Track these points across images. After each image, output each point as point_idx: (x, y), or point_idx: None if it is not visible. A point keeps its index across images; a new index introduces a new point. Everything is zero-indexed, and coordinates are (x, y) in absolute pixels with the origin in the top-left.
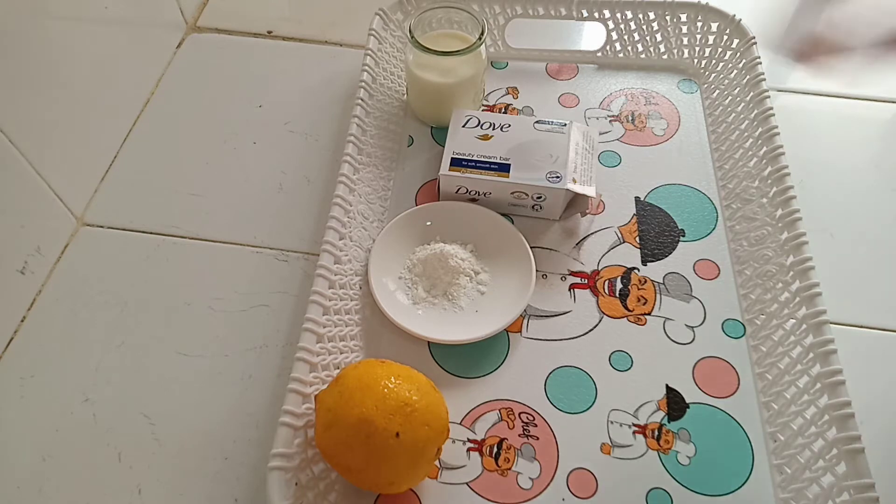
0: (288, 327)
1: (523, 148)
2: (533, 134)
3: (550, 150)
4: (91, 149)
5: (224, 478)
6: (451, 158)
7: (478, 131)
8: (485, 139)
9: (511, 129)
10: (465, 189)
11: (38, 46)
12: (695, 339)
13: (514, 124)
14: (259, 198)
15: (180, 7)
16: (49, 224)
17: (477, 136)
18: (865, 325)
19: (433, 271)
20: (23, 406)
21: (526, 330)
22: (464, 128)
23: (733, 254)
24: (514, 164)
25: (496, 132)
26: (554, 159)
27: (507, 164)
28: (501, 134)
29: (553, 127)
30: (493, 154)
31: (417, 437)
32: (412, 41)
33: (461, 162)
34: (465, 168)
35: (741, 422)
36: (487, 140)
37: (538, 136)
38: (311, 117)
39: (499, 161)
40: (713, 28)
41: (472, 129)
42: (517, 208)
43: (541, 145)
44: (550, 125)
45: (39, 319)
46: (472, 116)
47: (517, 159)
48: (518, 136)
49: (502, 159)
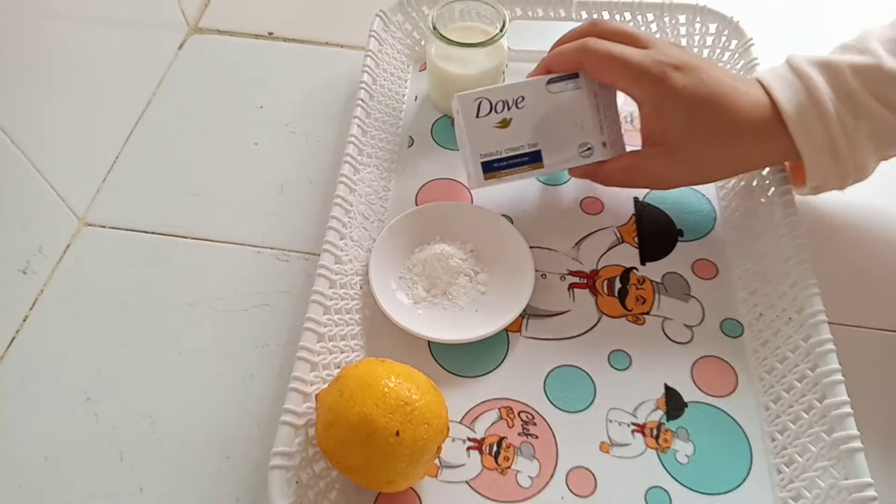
0: (289, 327)
1: (546, 123)
2: (550, 100)
3: (574, 118)
4: (93, 149)
5: (225, 477)
6: (481, 164)
7: (494, 117)
8: (504, 126)
9: (526, 104)
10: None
11: (39, 47)
12: (693, 338)
13: (527, 95)
14: (260, 198)
15: (181, 8)
16: (51, 224)
17: (496, 125)
18: (864, 325)
19: (433, 271)
20: (24, 406)
21: (525, 329)
22: (478, 118)
23: (732, 253)
24: (543, 147)
25: (513, 112)
26: (580, 127)
27: (537, 151)
28: (518, 112)
29: (567, 84)
30: (519, 143)
31: (417, 436)
32: (435, 33)
33: (493, 165)
34: (499, 172)
35: (740, 421)
36: (507, 126)
37: (557, 102)
38: (311, 118)
39: (528, 150)
40: (711, 29)
41: (486, 117)
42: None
43: (562, 114)
44: (564, 83)
45: (41, 319)
46: (482, 99)
47: (544, 140)
48: (536, 108)
49: (530, 147)
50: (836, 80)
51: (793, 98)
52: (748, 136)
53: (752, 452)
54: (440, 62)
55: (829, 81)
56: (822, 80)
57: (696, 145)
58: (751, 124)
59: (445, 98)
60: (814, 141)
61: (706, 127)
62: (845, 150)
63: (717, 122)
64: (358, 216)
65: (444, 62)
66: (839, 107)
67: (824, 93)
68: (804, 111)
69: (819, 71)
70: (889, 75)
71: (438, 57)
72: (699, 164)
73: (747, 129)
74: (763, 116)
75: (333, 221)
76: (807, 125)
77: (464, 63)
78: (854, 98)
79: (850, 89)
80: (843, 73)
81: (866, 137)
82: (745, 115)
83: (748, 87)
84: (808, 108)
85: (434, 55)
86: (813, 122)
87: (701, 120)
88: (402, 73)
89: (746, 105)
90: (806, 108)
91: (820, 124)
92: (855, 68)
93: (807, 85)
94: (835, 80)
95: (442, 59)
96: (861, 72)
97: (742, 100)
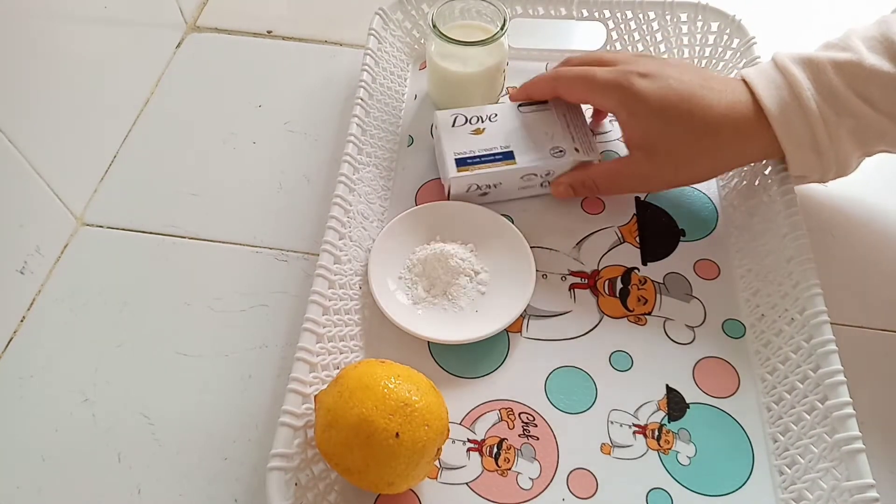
0: (288, 327)
1: (518, 132)
2: (521, 118)
3: (544, 129)
4: (91, 148)
5: (224, 478)
6: (454, 160)
7: (469, 127)
8: (478, 133)
9: (499, 119)
10: (475, 186)
11: (36, 46)
12: (695, 339)
13: (499, 112)
14: (259, 197)
15: (180, 7)
16: (48, 224)
17: (470, 132)
18: (866, 326)
19: (433, 271)
20: (22, 406)
21: (526, 330)
22: (454, 127)
23: (734, 254)
24: (515, 149)
25: (486, 124)
26: (551, 136)
27: (509, 152)
28: (492, 124)
29: (537, 107)
30: (492, 145)
31: (417, 438)
32: (435, 31)
33: (465, 161)
34: (472, 165)
35: (741, 422)
36: (481, 133)
37: (527, 119)
38: (310, 117)
39: (501, 150)
40: (713, 28)
41: (462, 126)
42: (526, 190)
43: (532, 126)
44: (534, 106)
45: (39, 319)
46: (458, 114)
47: (517, 144)
48: (508, 122)
49: (503, 148)
50: (818, 77)
51: (775, 95)
52: (726, 134)
53: (754, 454)
54: (440, 60)
55: (812, 78)
56: (804, 77)
57: (675, 144)
58: (729, 121)
59: (446, 97)
60: (796, 137)
61: (681, 127)
62: (827, 146)
63: (691, 122)
64: (357, 216)
65: (445, 60)
66: (821, 103)
67: (806, 89)
68: (786, 108)
69: (802, 68)
70: (870, 72)
71: (438, 55)
72: (681, 163)
73: (725, 126)
74: (743, 114)
75: (332, 221)
76: (789, 122)
77: (464, 61)
78: (836, 95)
79: (832, 86)
80: (825, 70)
81: (848, 134)
82: (719, 112)
83: (724, 86)
84: (791, 105)
85: (434, 53)
86: (795, 118)
87: (674, 121)
88: (402, 71)
89: (721, 103)
90: (788, 104)
91: (802, 121)
92: (837, 65)
93: (789, 81)
94: (817, 77)
95: (442, 57)
96: (843, 68)
97: (715, 98)
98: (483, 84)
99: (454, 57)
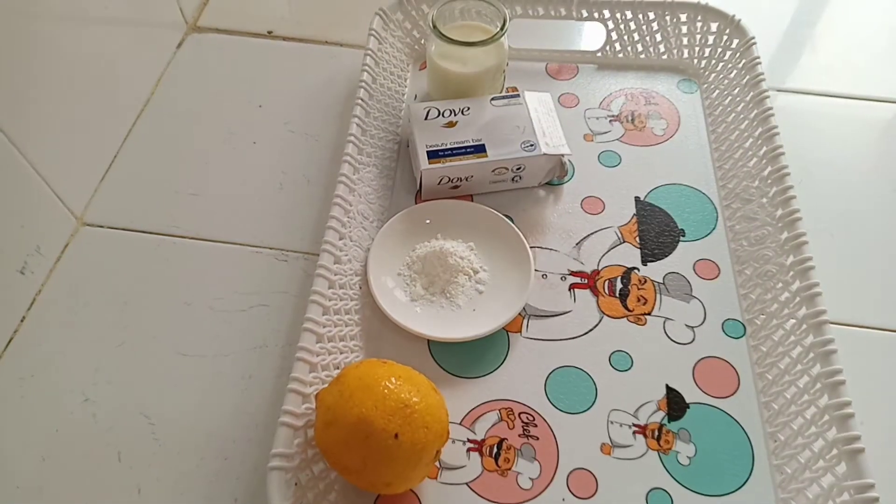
0: (288, 327)
1: (490, 126)
2: (493, 111)
3: (516, 123)
4: (91, 148)
5: (224, 478)
6: (426, 152)
7: (441, 120)
8: (451, 126)
9: (472, 112)
10: (447, 178)
11: (37, 46)
12: (695, 339)
13: (472, 106)
14: (259, 198)
15: (180, 7)
16: (49, 224)
17: (442, 125)
18: (865, 325)
19: (432, 269)
20: (23, 406)
21: (526, 330)
22: (426, 120)
23: (733, 254)
24: (487, 142)
25: (459, 117)
26: (522, 130)
27: (481, 145)
28: (464, 117)
29: (509, 101)
30: (464, 138)
31: (416, 439)
32: (435, 32)
33: (437, 153)
34: (444, 158)
35: (741, 422)
36: (454, 127)
37: (499, 112)
38: (311, 117)
39: (472, 143)
40: (713, 28)
41: (434, 119)
42: (497, 184)
43: (504, 120)
44: (506, 99)
45: (39, 319)
46: (431, 107)
47: (488, 138)
48: (480, 116)
49: (475, 141)
50: None
51: None
52: None
53: (754, 453)
54: (440, 61)
55: None
56: None
57: None
58: None
59: (446, 97)
60: None
61: None
62: None
63: None
64: (357, 216)
65: (445, 61)
66: None
67: None
68: None
69: None
70: None
71: (438, 55)
72: None
73: None
74: None
75: (333, 221)
76: None
77: (464, 62)
78: None
79: None
80: None
81: None
82: None
83: None
84: None
85: (434, 54)
86: None
87: None
88: (402, 71)
89: None
90: None
91: None
92: None
93: None
94: None
95: (442, 57)
96: None
97: None
98: (483, 84)
99: (454, 57)
